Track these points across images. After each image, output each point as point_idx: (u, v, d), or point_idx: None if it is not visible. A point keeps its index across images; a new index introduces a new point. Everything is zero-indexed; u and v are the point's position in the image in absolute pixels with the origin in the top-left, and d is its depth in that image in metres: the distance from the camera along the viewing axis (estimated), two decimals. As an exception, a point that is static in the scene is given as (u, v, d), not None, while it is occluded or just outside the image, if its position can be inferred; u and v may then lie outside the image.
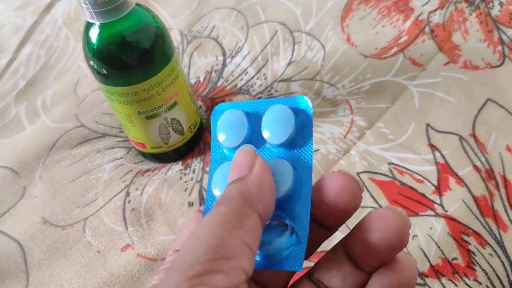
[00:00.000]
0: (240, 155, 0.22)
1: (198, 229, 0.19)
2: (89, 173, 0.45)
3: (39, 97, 0.53)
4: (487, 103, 0.43)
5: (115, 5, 0.33)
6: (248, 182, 0.20)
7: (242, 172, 0.21)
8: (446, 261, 0.35)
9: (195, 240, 0.18)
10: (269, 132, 0.23)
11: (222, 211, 0.19)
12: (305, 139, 0.23)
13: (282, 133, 0.23)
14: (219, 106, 0.25)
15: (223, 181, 0.23)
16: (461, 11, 0.50)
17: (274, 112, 0.23)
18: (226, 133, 0.24)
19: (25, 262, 0.40)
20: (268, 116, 0.23)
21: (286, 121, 0.23)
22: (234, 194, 0.20)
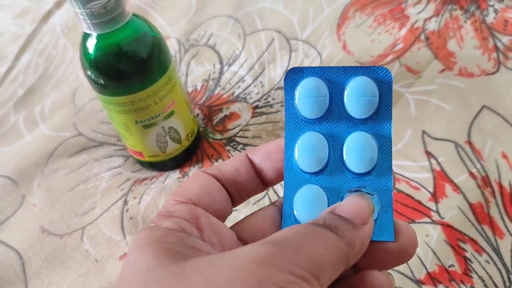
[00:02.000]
0: (361, 202, 0.21)
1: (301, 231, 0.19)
2: (87, 182, 0.45)
3: (37, 106, 0.53)
4: (482, 110, 0.43)
5: (112, 16, 0.33)
6: (358, 235, 0.20)
7: (355, 219, 0.21)
8: (442, 268, 0.35)
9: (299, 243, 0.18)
10: (354, 107, 0.23)
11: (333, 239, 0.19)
12: (385, 111, 0.23)
13: (366, 108, 0.23)
14: (293, 69, 0.24)
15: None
16: (456, 18, 0.50)
17: (358, 85, 0.23)
18: (306, 101, 0.24)
19: (23, 271, 0.40)
20: (353, 89, 0.23)
21: (371, 96, 0.23)
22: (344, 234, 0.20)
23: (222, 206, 0.24)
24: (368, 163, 0.23)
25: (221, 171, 0.25)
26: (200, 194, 0.23)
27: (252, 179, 0.25)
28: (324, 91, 0.24)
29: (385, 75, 0.23)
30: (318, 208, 0.23)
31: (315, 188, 0.24)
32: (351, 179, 0.24)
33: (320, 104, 0.24)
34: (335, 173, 0.24)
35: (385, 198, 0.23)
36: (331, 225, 0.20)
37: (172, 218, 0.21)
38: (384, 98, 0.23)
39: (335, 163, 0.24)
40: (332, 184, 0.24)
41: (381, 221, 0.23)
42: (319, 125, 0.24)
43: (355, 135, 0.23)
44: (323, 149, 0.24)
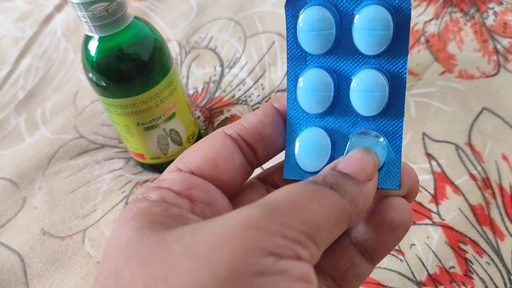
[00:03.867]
0: (365, 157, 0.20)
1: (297, 191, 0.18)
2: (88, 184, 0.45)
3: (38, 109, 0.53)
4: (482, 112, 0.43)
5: (114, 18, 0.33)
6: (361, 192, 0.19)
7: (358, 175, 0.19)
8: (443, 270, 0.35)
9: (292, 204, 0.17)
10: (363, 41, 0.20)
11: (332, 198, 0.18)
12: (400, 45, 0.20)
13: (377, 44, 0.20)
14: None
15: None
16: (456, 21, 0.50)
17: (368, 16, 0.20)
18: (309, 35, 0.21)
19: (24, 273, 0.40)
20: (362, 21, 0.20)
21: (384, 30, 0.20)
22: (346, 191, 0.19)
23: (230, 175, 0.22)
24: (377, 105, 0.21)
25: (245, 126, 0.23)
26: (202, 162, 0.22)
27: (280, 131, 0.23)
28: (330, 22, 0.21)
29: (404, 2, 0.20)
30: (320, 152, 0.22)
31: (318, 131, 0.22)
32: (358, 121, 0.22)
33: (324, 38, 0.21)
34: (341, 115, 0.22)
35: (394, 143, 0.21)
36: (331, 182, 0.19)
37: (161, 190, 0.20)
38: (401, 30, 0.20)
39: (342, 103, 0.22)
40: (338, 127, 0.22)
41: (387, 168, 0.21)
42: (324, 61, 0.22)
43: (364, 73, 0.21)
44: (327, 89, 0.21)
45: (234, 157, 0.22)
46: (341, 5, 0.21)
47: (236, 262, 0.15)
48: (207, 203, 0.21)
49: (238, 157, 0.22)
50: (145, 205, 0.19)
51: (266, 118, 0.23)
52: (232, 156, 0.22)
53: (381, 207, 0.21)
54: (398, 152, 0.21)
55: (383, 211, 0.21)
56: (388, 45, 0.20)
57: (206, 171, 0.22)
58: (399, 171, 0.21)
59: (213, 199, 0.21)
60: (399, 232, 0.22)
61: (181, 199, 0.20)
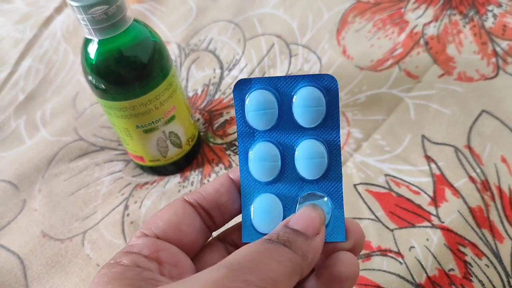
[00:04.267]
0: (312, 214, 0.23)
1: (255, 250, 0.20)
2: (88, 186, 0.45)
3: (38, 111, 0.53)
4: (481, 115, 0.43)
5: (113, 21, 0.33)
6: (310, 246, 0.22)
7: (307, 231, 0.22)
8: (443, 272, 0.35)
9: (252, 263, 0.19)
10: (302, 116, 0.24)
11: (285, 255, 0.20)
12: (333, 118, 0.24)
13: (314, 118, 0.24)
14: (241, 81, 0.25)
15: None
16: (455, 23, 0.50)
17: (304, 95, 0.24)
18: (255, 114, 0.24)
19: (24, 275, 0.40)
20: (300, 100, 0.24)
21: (318, 106, 0.24)
22: (298, 246, 0.21)
23: (191, 238, 0.24)
24: (318, 169, 0.24)
25: (202, 194, 0.25)
26: (166, 227, 0.24)
27: (234, 200, 0.26)
28: (273, 103, 0.24)
29: (331, 83, 0.24)
30: (274, 216, 0.24)
31: (270, 197, 0.25)
32: (304, 185, 0.25)
33: (269, 117, 0.24)
34: (288, 181, 0.25)
35: (336, 201, 0.24)
36: (284, 239, 0.21)
37: (131, 255, 0.22)
38: (332, 105, 0.24)
39: (288, 171, 0.25)
40: (287, 192, 0.25)
41: (333, 223, 0.24)
42: (270, 135, 0.25)
43: (305, 143, 0.24)
44: (275, 159, 0.24)
45: (195, 222, 0.25)
46: (281, 88, 0.24)
47: None
48: (174, 264, 0.23)
49: (198, 222, 0.25)
50: (119, 270, 0.21)
51: (222, 187, 0.25)
52: (193, 221, 0.25)
53: (330, 262, 0.24)
54: (340, 209, 0.24)
55: (332, 266, 0.24)
56: (323, 118, 0.24)
57: (170, 235, 0.24)
58: (343, 225, 0.24)
59: (179, 260, 0.23)
60: (348, 284, 0.24)
61: (151, 263, 0.22)
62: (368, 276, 0.36)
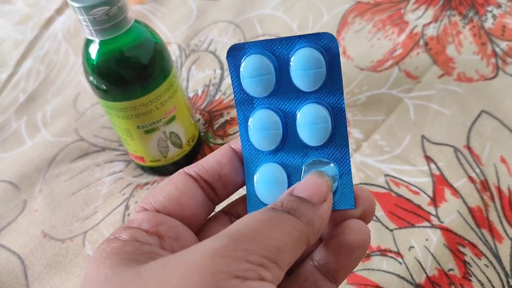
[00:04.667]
0: (318, 180, 0.22)
1: (257, 219, 0.19)
2: (89, 187, 0.45)
3: (39, 112, 0.53)
4: (481, 115, 0.43)
5: (114, 22, 0.33)
6: (317, 214, 0.21)
7: (313, 198, 0.21)
8: (442, 272, 0.35)
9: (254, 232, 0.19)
10: (301, 80, 0.22)
11: (290, 223, 0.20)
12: (334, 80, 0.23)
13: (314, 81, 0.22)
14: (234, 46, 0.23)
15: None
16: (455, 24, 0.51)
17: (302, 57, 0.22)
18: (252, 81, 0.23)
19: (25, 276, 0.41)
20: (297, 63, 0.22)
21: (318, 68, 0.22)
22: (303, 214, 0.20)
23: (193, 211, 0.24)
24: (322, 135, 0.23)
25: (204, 166, 0.24)
26: (166, 201, 0.23)
27: (237, 170, 0.25)
28: (269, 67, 0.22)
29: (331, 42, 0.22)
30: (278, 185, 0.23)
31: (274, 166, 0.24)
32: (308, 152, 0.23)
33: (266, 82, 0.23)
34: (292, 148, 0.24)
35: (343, 167, 0.23)
36: (288, 207, 0.20)
37: (130, 230, 0.22)
38: (332, 66, 0.22)
39: (291, 138, 0.24)
40: (291, 160, 0.24)
41: (341, 190, 0.23)
42: (270, 101, 0.23)
43: (306, 108, 0.23)
44: (276, 127, 0.23)
45: (196, 195, 0.24)
46: (277, 51, 0.23)
47: (207, 287, 0.16)
48: (175, 238, 0.22)
49: (200, 195, 0.24)
50: (118, 244, 0.20)
51: (224, 158, 0.24)
52: (195, 194, 0.24)
53: (339, 230, 0.23)
54: (348, 175, 0.23)
55: (341, 234, 0.23)
56: (324, 81, 0.22)
57: (171, 209, 0.23)
58: (352, 192, 0.23)
59: (180, 234, 0.23)
60: (358, 253, 0.23)
61: (151, 237, 0.22)
62: (368, 276, 0.36)
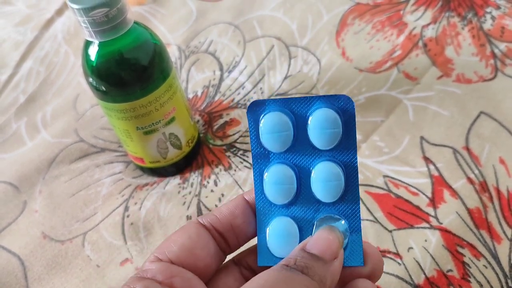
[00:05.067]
0: (330, 236, 0.22)
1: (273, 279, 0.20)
2: (88, 188, 0.46)
3: (39, 113, 0.54)
4: (480, 116, 0.43)
5: (114, 24, 0.33)
6: (329, 271, 0.21)
7: (325, 255, 0.22)
8: (441, 273, 0.35)
9: None
10: (318, 139, 0.23)
11: (304, 283, 0.20)
12: (349, 139, 0.24)
13: (330, 140, 0.23)
14: (255, 103, 0.24)
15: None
16: (454, 25, 0.51)
17: (320, 117, 0.23)
18: (270, 137, 0.24)
19: (25, 276, 0.41)
20: (315, 122, 0.23)
21: (334, 128, 0.23)
22: (315, 272, 0.21)
23: (206, 262, 0.24)
24: (335, 192, 0.23)
25: (217, 216, 0.25)
26: (180, 251, 0.23)
27: (249, 222, 0.25)
28: (288, 125, 0.24)
29: (348, 103, 0.23)
30: (290, 239, 0.24)
31: (286, 220, 0.24)
32: (320, 207, 0.24)
33: (284, 139, 0.24)
34: (304, 203, 0.24)
35: (354, 224, 0.24)
36: (302, 265, 0.21)
37: (145, 281, 0.22)
38: (348, 127, 0.23)
39: (304, 193, 0.24)
40: (303, 214, 0.24)
41: (351, 247, 0.23)
42: (286, 157, 0.24)
43: (321, 165, 0.24)
44: (290, 182, 0.24)
45: (209, 245, 0.24)
46: (295, 109, 0.24)
47: None
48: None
49: (212, 245, 0.24)
50: None
51: (237, 209, 0.25)
52: (207, 245, 0.24)
53: None
54: (358, 232, 0.24)
55: None
56: (339, 140, 0.23)
57: (184, 260, 0.23)
58: (361, 249, 0.23)
59: (192, 286, 0.23)
60: None
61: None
62: (367, 276, 0.36)
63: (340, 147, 0.24)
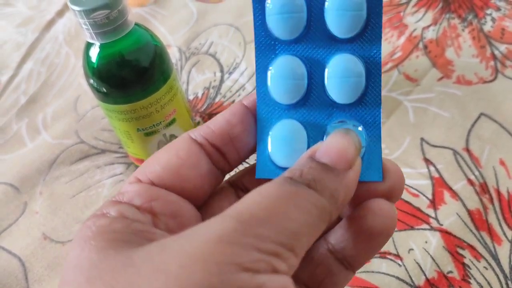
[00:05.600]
0: (345, 141, 0.18)
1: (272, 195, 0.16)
2: (89, 189, 0.46)
3: (40, 114, 0.54)
4: (480, 118, 0.43)
5: (115, 26, 0.33)
6: (342, 184, 0.18)
7: (338, 164, 0.18)
8: (441, 275, 0.35)
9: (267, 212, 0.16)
10: (335, 23, 0.19)
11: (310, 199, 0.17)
12: (374, 28, 0.20)
13: (351, 25, 0.19)
14: None
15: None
16: (454, 27, 0.51)
17: None
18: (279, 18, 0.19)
19: (25, 278, 0.41)
20: (334, 1, 0.19)
21: (358, 10, 0.19)
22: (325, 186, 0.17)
23: (196, 184, 0.20)
24: (354, 92, 0.20)
25: (211, 128, 0.21)
26: (164, 172, 0.20)
27: (250, 131, 0.21)
28: (301, 5, 0.19)
29: None
30: (296, 145, 0.20)
31: (292, 123, 0.20)
32: (334, 111, 0.20)
33: (296, 22, 0.20)
34: (315, 105, 0.20)
35: (373, 132, 0.20)
36: (309, 178, 0.17)
37: (120, 205, 0.19)
38: (373, 11, 0.19)
39: (316, 92, 0.20)
40: (313, 118, 0.20)
41: (368, 159, 0.20)
42: (296, 47, 0.20)
43: (338, 58, 0.20)
44: (300, 77, 0.20)
45: (200, 164, 0.21)
46: None
47: (211, 280, 0.14)
48: (171, 215, 0.19)
49: (205, 164, 0.21)
50: (105, 222, 0.18)
51: (235, 117, 0.21)
52: (198, 163, 0.20)
53: (361, 212, 0.20)
54: (377, 142, 0.20)
55: (363, 217, 0.20)
56: (361, 28, 0.19)
57: (169, 181, 0.20)
58: (380, 161, 0.20)
59: (178, 211, 0.20)
60: (380, 240, 0.20)
61: (142, 214, 0.19)
62: (367, 278, 0.36)
63: (363, 37, 0.20)
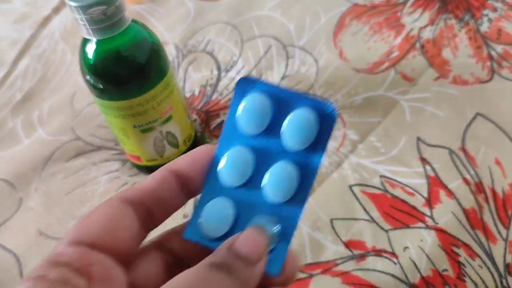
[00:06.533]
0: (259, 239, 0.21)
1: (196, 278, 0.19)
2: (85, 186, 0.45)
3: (35, 110, 0.53)
4: (476, 118, 0.43)
5: (112, 22, 0.33)
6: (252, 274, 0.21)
7: (251, 255, 0.21)
8: (436, 273, 0.35)
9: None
10: (289, 137, 0.23)
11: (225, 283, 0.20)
12: (319, 146, 0.23)
13: (300, 143, 0.23)
14: (245, 79, 0.23)
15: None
16: (451, 27, 0.51)
17: (299, 118, 0.22)
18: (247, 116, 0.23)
19: (20, 274, 0.40)
20: (292, 121, 0.23)
21: (309, 132, 0.22)
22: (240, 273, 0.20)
23: (128, 245, 0.22)
24: (284, 195, 0.23)
25: (140, 191, 0.23)
26: (101, 233, 0.21)
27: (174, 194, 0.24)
28: (267, 110, 0.23)
29: (331, 113, 0.22)
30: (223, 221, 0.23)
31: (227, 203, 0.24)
32: (265, 201, 0.23)
33: (260, 122, 0.23)
34: (253, 191, 0.23)
35: (288, 229, 0.23)
36: (227, 264, 0.20)
37: (59, 269, 0.20)
38: (323, 134, 0.23)
39: (256, 182, 0.23)
40: (247, 201, 0.24)
41: (275, 253, 0.23)
42: (253, 142, 0.24)
43: (281, 165, 0.23)
44: (247, 167, 0.23)
45: (132, 225, 0.22)
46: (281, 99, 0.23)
47: None
48: (105, 280, 0.21)
49: (136, 225, 0.23)
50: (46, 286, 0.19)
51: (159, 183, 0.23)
52: (131, 224, 0.22)
53: None
54: (288, 241, 0.23)
55: None
56: (309, 145, 0.23)
57: (107, 242, 0.21)
58: (283, 258, 0.23)
59: (111, 275, 0.21)
60: None
61: (80, 278, 0.20)
62: (363, 276, 0.36)
63: (308, 151, 0.23)
